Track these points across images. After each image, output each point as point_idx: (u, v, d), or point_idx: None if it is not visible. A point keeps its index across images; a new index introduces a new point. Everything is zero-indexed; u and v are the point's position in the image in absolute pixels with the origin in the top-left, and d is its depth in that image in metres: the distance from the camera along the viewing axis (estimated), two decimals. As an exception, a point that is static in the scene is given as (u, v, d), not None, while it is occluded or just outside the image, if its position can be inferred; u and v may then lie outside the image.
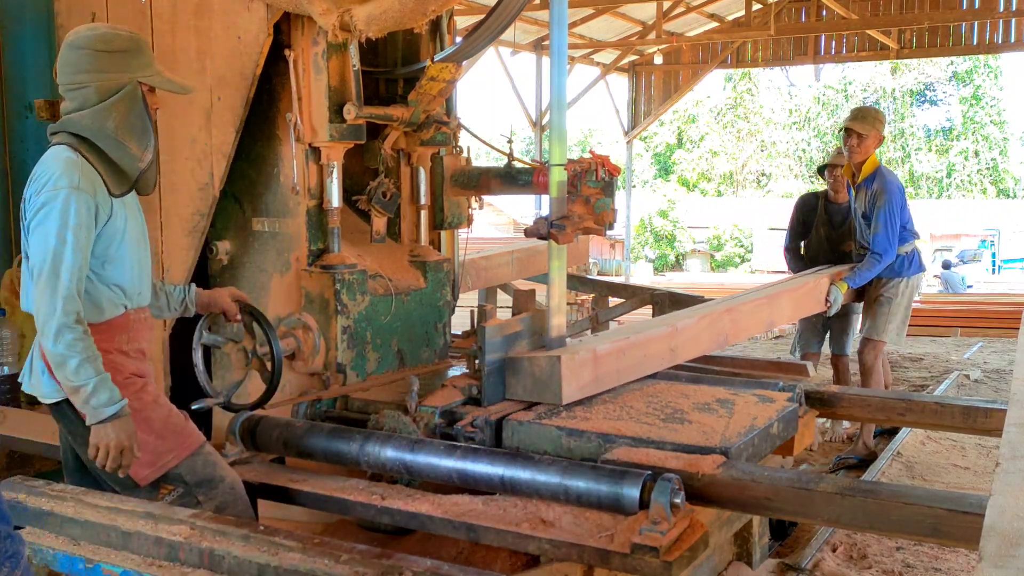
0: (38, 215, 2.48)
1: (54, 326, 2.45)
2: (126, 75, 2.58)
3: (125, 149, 2.58)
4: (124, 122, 2.57)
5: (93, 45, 2.57)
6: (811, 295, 5.07)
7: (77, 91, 2.58)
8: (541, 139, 14.89)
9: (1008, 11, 13.86)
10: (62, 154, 2.53)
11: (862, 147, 5.16)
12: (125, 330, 2.67)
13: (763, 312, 4.57)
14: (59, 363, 2.46)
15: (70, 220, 2.45)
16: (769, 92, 38.44)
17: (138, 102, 2.60)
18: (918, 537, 2.57)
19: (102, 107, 2.55)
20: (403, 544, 2.98)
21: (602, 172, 3.24)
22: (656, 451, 2.80)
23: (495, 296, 6.51)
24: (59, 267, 2.45)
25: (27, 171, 4.27)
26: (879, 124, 5.22)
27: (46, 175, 2.50)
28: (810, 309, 5.12)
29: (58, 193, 2.45)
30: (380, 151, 3.60)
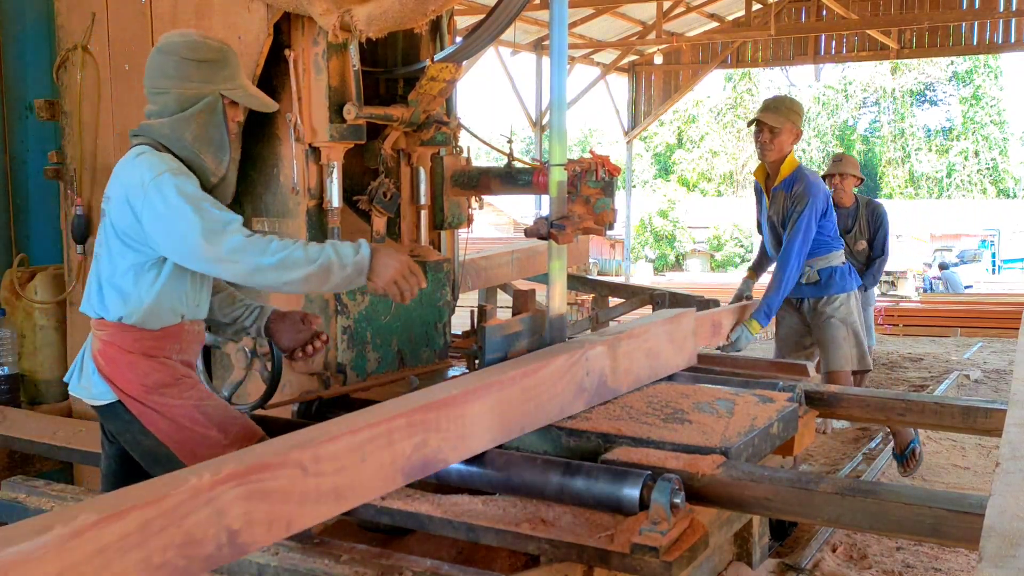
0: (152, 206, 2.38)
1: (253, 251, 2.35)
2: (208, 86, 2.52)
3: (200, 162, 2.53)
4: (202, 134, 2.52)
5: (180, 52, 2.53)
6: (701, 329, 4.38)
7: (159, 96, 2.53)
8: (541, 139, 14.89)
9: (1008, 11, 13.87)
10: (146, 150, 2.49)
11: (776, 143, 4.52)
12: (178, 339, 2.62)
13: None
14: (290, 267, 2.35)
15: (188, 189, 2.39)
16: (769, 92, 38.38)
17: (217, 115, 2.53)
18: (918, 537, 2.57)
19: (181, 117, 2.50)
20: (403, 544, 2.98)
21: (602, 172, 3.24)
22: (656, 451, 2.80)
23: (495, 296, 6.51)
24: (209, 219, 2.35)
25: (27, 171, 4.33)
26: (795, 116, 4.60)
27: (140, 170, 2.43)
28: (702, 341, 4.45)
29: (163, 176, 2.39)
30: (380, 151, 3.60)
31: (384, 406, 2.36)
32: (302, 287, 2.43)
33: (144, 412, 2.54)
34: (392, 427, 2.23)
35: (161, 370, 2.56)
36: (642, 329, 3.42)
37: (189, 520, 1.73)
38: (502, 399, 2.64)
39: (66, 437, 3.58)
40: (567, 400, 2.94)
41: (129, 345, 2.54)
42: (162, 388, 2.56)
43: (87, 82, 3.76)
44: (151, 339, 2.55)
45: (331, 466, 2.05)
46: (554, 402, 2.87)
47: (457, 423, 2.46)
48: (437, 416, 2.39)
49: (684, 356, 3.75)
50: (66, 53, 3.82)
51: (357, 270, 2.41)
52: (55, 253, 4.12)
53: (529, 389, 2.75)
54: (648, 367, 3.45)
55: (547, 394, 2.83)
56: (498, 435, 2.64)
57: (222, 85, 2.55)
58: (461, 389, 2.51)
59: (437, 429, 2.38)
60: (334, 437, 2.08)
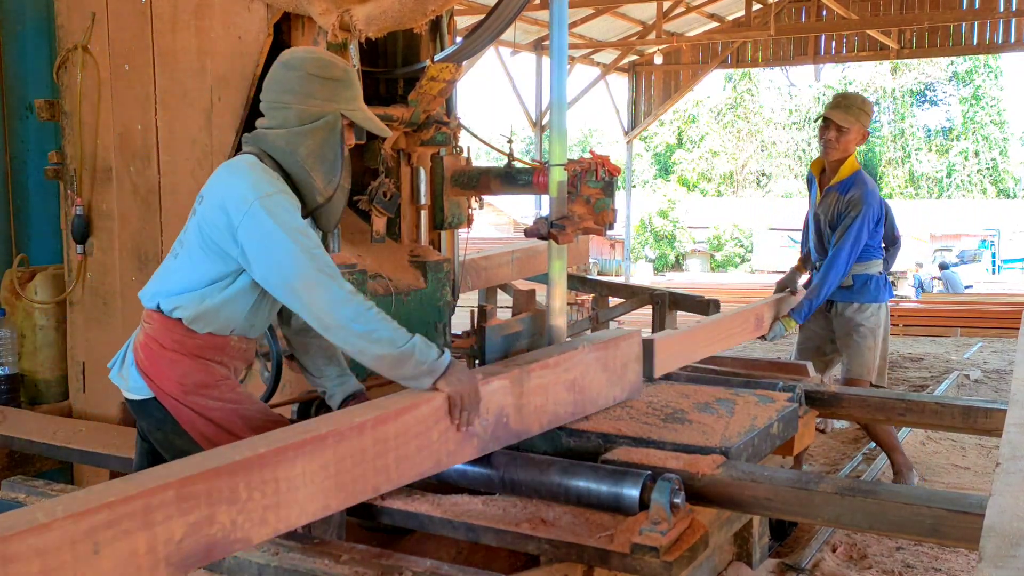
0: (255, 232, 2.32)
1: (348, 311, 2.30)
2: (331, 104, 2.47)
3: (310, 180, 2.47)
4: (317, 151, 2.47)
5: (307, 68, 2.48)
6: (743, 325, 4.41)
7: (280, 111, 2.48)
8: (541, 139, 14.89)
9: (1008, 11, 13.88)
10: (251, 161, 2.44)
11: (842, 143, 4.40)
12: (222, 351, 2.56)
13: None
14: (373, 342, 2.30)
15: (293, 221, 2.34)
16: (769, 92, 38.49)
17: (336, 134, 2.48)
18: (918, 537, 2.57)
19: (299, 131, 2.45)
20: (403, 544, 2.98)
21: (602, 172, 3.24)
22: (656, 451, 2.80)
23: (495, 296, 6.51)
24: (318, 263, 2.31)
25: (27, 171, 4.32)
26: (864, 117, 4.42)
27: (245, 184, 2.36)
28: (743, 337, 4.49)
29: (273, 198, 2.34)
30: (380, 151, 3.60)
31: (147, 473, 1.90)
32: (371, 364, 2.35)
33: (181, 411, 2.49)
34: (151, 504, 1.75)
35: (202, 371, 2.51)
36: (564, 357, 2.93)
37: None
38: (342, 455, 2.14)
39: (66, 437, 3.58)
40: (448, 449, 2.45)
41: (172, 343, 2.48)
42: (201, 389, 2.51)
43: (87, 82, 3.75)
44: (195, 341, 2.49)
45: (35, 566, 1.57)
46: (426, 453, 2.38)
47: (267, 490, 1.97)
48: (232, 483, 1.90)
49: (623, 386, 3.25)
50: (66, 53, 3.82)
51: (429, 370, 2.36)
52: (55, 253, 4.12)
53: (387, 439, 2.27)
54: (571, 402, 2.96)
55: (416, 444, 2.34)
56: (336, 500, 2.16)
57: (344, 105, 2.49)
58: (276, 444, 2.02)
59: (232, 500, 1.90)
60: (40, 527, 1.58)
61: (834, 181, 4.46)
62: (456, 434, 2.45)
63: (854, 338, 4.47)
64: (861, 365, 4.44)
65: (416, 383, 2.39)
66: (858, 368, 4.45)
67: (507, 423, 2.67)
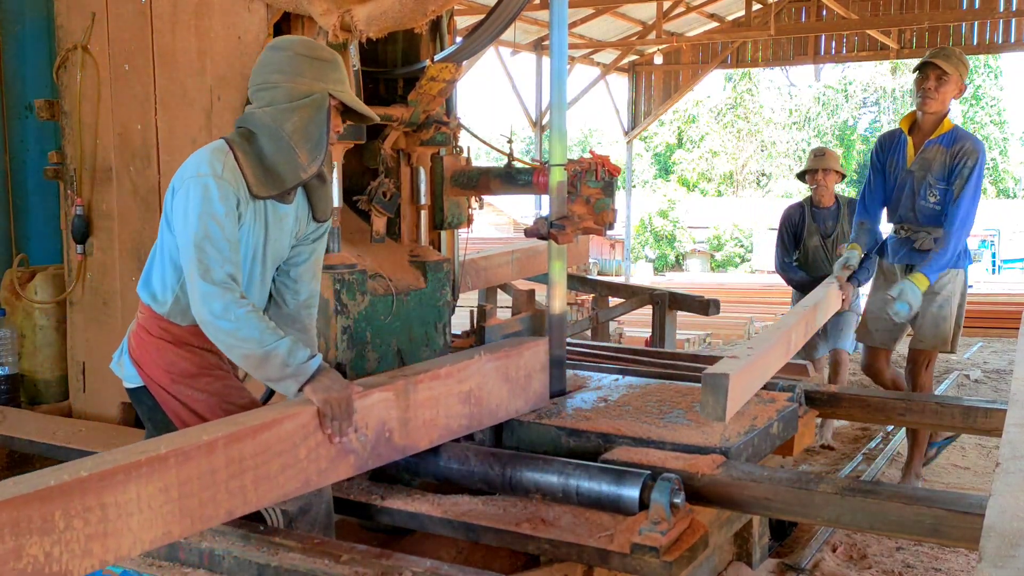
0: (179, 204, 2.40)
1: (217, 306, 2.34)
2: (319, 83, 2.50)
3: (294, 155, 2.49)
4: (302, 128, 2.49)
5: (296, 48, 2.52)
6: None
7: (267, 91, 2.50)
8: (541, 139, 14.88)
9: (1008, 11, 13.86)
10: (214, 145, 2.48)
11: (941, 92, 4.20)
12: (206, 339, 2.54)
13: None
14: (239, 340, 2.35)
15: (215, 207, 2.37)
16: (769, 92, 38.44)
17: (322, 113, 2.50)
18: (918, 537, 2.57)
19: (287, 107, 2.48)
20: (403, 544, 2.98)
21: (602, 172, 3.24)
22: (656, 451, 2.80)
23: (495, 296, 6.51)
24: (203, 256, 2.35)
25: (27, 171, 4.32)
26: (963, 68, 4.24)
27: (191, 161, 2.44)
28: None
29: (199, 179, 2.38)
30: (380, 151, 3.60)
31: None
32: (239, 363, 2.42)
33: (167, 400, 2.54)
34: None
35: (189, 358, 2.55)
36: (458, 367, 2.82)
37: None
38: (187, 477, 1.98)
39: (66, 437, 3.58)
40: (319, 468, 2.32)
41: (156, 331, 2.54)
42: (187, 379, 2.54)
43: (87, 82, 3.75)
44: (180, 329, 2.55)
45: None
46: (291, 472, 2.24)
47: (90, 517, 1.78)
48: (45, 511, 1.70)
49: (527, 398, 3.14)
50: (66, 53, 3.82)
51: (295, 373, 2.37)
52: (55, 253, 4.12)
53: (243, 459, 2.10)
54: (466, 415, 2.85)
55: (279, 462, 2.20)
56: (179, 527, 1.98)
57: (333, 86, 2.52)
58: (102, 467, 1.83)
59: (45, 530, 1.70)
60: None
61: (935, 135, 4.25)
62: (328, 450, 2.33)
63: (930, 307, 4.24)
64: (935, 336, 4.25)
65: (282, 386, 2.39)
66: (931, 338, 4.26)
67: (390, 438, 2.54)
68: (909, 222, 4.35)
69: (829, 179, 5.48)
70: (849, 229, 5.20)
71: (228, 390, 2.60)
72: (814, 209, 5.51)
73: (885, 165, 4.47)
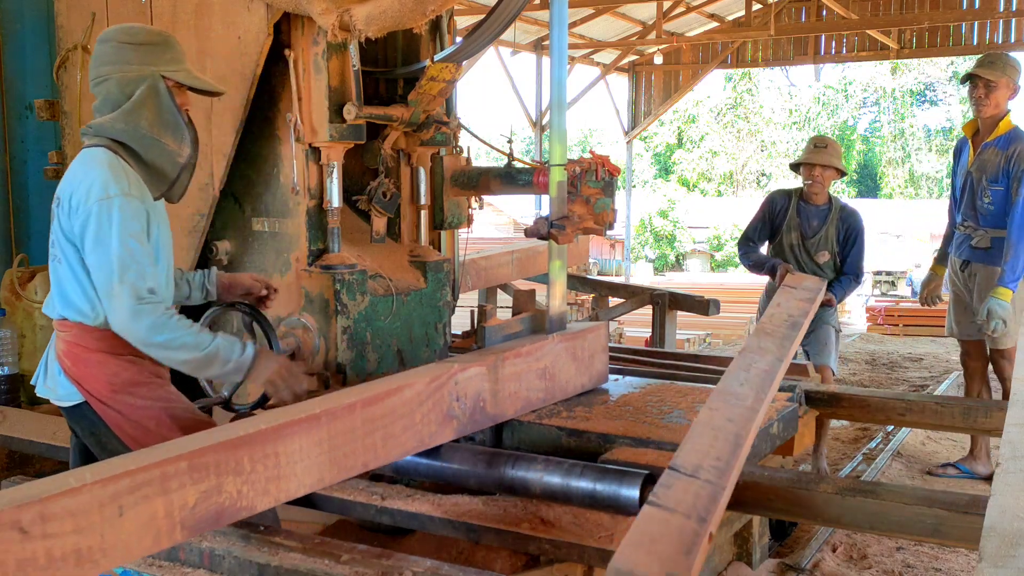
0: (88, 227, 2.41)
1: (147, 322, 2.39)
2: (148, 68, 2.51)
3: (163, 146, 2.52)
4: (157, 119, 2.51)
5: (117, 37, 2.55)
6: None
7: (101, 84, 2.53)
8: (541, 139, 14.88)
9: (1008, 11, 13.86)
10: (101, 157, 2.47)
11: (991, 98, 4.35)
12: None
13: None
14: (176, 348, 2.42)
15: (129, 226, 2.41)
16: (769, 92, 38.43)
17: (164, 97, 2.52)
18: (918, 537, 2.57)
19: (131, 107, 2.49)
20: (403, 544, 2.98)
21: (602, 172, 3.24)
22: (656, 451, 2.80)
23: (495, 296, 6.51)
24: (127, 274, 2.39)
25: (27, 171, 4.32)
26: (1012, 71, 4.37)
27: (90, 182, 2.43)
28: None
29: (112, 201, 2.40)
30: (380, 151, 3.60)
31: (162, 447, 2.05)
32: (180, 368, 2.50)
33: (108, 414, 2.53)
34: (168, 472, 1.91)
35: (130, 368, 2.55)
36: (536, 346, 3.10)
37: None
38: (334, 432, 2.30)
39: (65, 437, 3.56)
40: (430, 431, 2.63)
41: (94, 344, 2.52)
42: (131, 388, 2.55)
43: (87, 82, 3.75)
44: (116, 337, 2.53)
45: (69, 525, 1.74)
46: (410, 433, 2.55)
47: (268, 463, 2.12)
48: (237, 456, 2.05)
49: (591, 375, 3.39)
50: (66, 53, 3.82)
51: (236, 367, 2.48)
52: (55, 253, 4.12)
53: (374, 419, 2.42)
54: (543, 389, 3.14)
55: (401, 424, 2.51)
56: (329, 475, 2.30)
57: (163, 67, 2.54)
58: (275, 422, 2.17)
59: (237, 472, 2.05)
60: (73, 489, 1.76)
61: (991, 137, 4.40)
62: (437, 416, 2.60)
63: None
64: (1009, 333, 4.25)
65: (230, 380, 2.52)
66: (1007, 337, 4.28)
67: (484, 407, 2.84)
68: (970, 220, 4.51)
69: (827, 176, 4.76)
70: (834, 236, 4.75)
71: (171, 396, 2.64)
72: (801, 203, 4.82)
73: (956, 171, 4.72)
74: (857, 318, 16.44)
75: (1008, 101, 4.41)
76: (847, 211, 4.81)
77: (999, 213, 4.37)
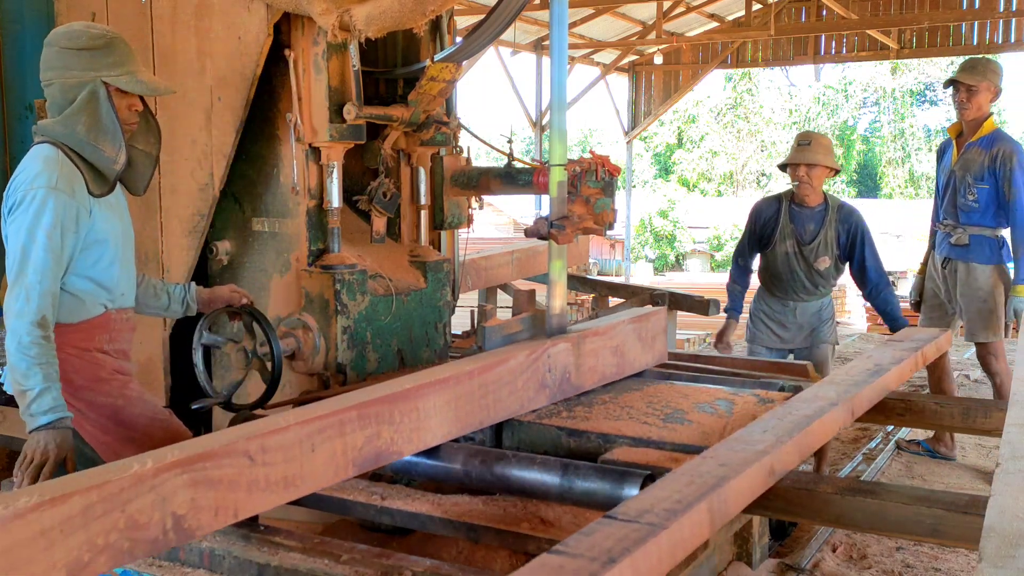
0: (13, 213, 2.47)
1: (18, 325, 2.42)
2: (89, 74, 2.53)
3: (100, 152, 2.55)
4: (94, 125, 2.53)
5: (59, 42, 2.56)
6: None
7: (47, 88, 2.57)
8: (541, 139, 14.88)
9: (1008, 11, 13.86)
10: (43, 152, 2.52)
11: (973, 102, 4.49)
12: (106, 330, 2.66)
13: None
14: (13, 362, 2.43)
15: (43, 219, 2.44)
16: (769, 92, 38.42)
17: (104, 104, 2.53)
18: (918, 537, 2.57)
19: (71, 112, 2.52)
20: (403, 544, 2.98)
21: (602, 172, 3.24)
22: (656, 451, 2.80)
23: (495, 296, 6.51)
24: (26, 267, 2.43)
25: (27, 171, 4.31)
26: (992, 75, 4.49)
27: (24, 173, 2.49)
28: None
29: (35, 192, 2.44)
30: (380, 151, 3.60)
31: (338, 399, 2.46)
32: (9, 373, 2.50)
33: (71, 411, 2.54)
34: (344, 419, 2.32)
35: (91, 366, 2.58)
36: (609, 327, 3.46)
37: (132, 505, 1.81)
38: (459, 394, 2.71)
39: (66, 437, 3.57)
40: (528, 396, 3.01)
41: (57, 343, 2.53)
42: (92, 385, 2.58)
43: (87, 82, 3.75)
44: (78, 331, 2.57)
45: (280, 456, 2.14)
46: (514, 398, 2.94)
47: (411, 416, 2.53)
48: (391, 409, 2.47)
49: (653, 354, 3.77)
50: (66, 53, 3.81)
51: (31, 418, 2.43)
52: (55, 253, 4.12)
53: (487, 384, 2.82)
54: (614, 365, 3.48)
55: (507, 389, 2.91)
56: (454, 429, 2.71)
57: (104, 72, 2.54)
58: (415, 383, 2.58)
59: (390, 422, 2.46)
60: (282, 428, 2.16)
61: (974, 138, 4.53)
62: (534, 384, 3.01)
63: (972, 301, 4.51)
64: (984, 328, 4.47)
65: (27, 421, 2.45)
66: (982, 332, 4.49)
67: (569, 378, 3.21)
68: (950, 218, 4.62)
69: (815, 176, 4.44)
70: (834, 239, 4.48)
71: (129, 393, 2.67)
72: (793, 207, 4.53)
73: (939, 171, 4.83)
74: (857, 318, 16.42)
75: (990, 104, 4.54)
76: (845, 210, 4.56)
77: (982, 211, 4.51)
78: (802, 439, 2.62)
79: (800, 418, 2.76)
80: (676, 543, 1.93)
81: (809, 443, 2.69)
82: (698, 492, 2.10)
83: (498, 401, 2.88)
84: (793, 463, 2.56)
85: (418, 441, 2.58)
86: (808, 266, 4.54)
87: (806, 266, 4.54)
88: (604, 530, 1.88)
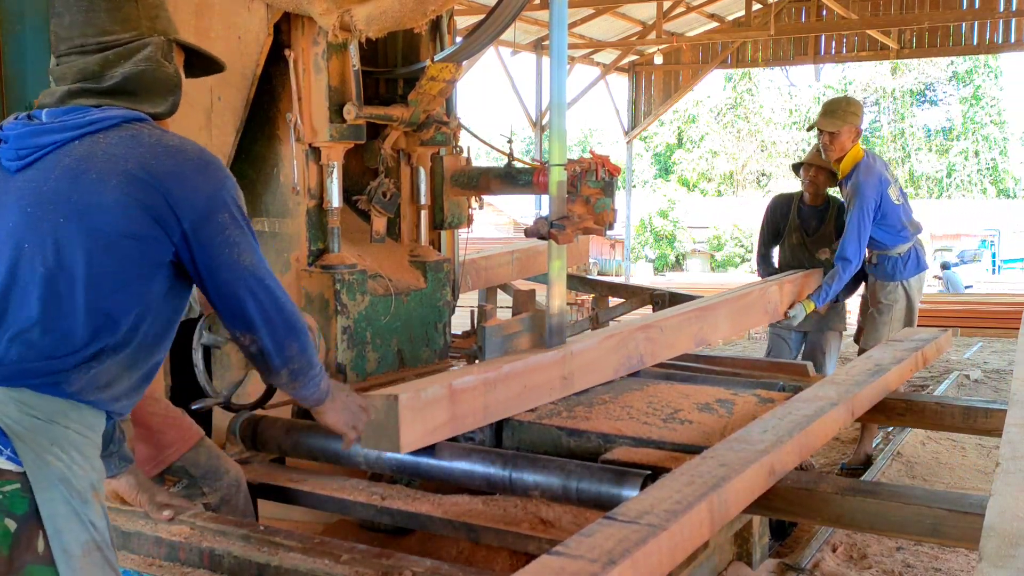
0: None
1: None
2: None
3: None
4: None
5: None
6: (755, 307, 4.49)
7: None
8: (541, 139, 14.88)
9: (1008, 11, 13.86)
10: None
11: (836, 144, 4.75)
12: None
13: (691, 327, 3.90)
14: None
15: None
16: (769, 92, 38.44)
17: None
18: (918, 537, 2.57)
19: None
20: (403, 544, 2.98)
21: (602, 172, 3.24)
22: (656, 451, 2.80)
23: (495, 296, 6.50)
24: None
25: (27, 171, 4.31)
26: (852, 117, 4.77)
27: None
28: (756, 322, 4.69)
29: None
30: (380, 151, 3.60)
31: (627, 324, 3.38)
32: None
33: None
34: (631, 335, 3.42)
35: None
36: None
37: None
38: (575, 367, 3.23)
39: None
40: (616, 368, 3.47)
41: None
42: None
43: (87, 82, 3.75)
44: None
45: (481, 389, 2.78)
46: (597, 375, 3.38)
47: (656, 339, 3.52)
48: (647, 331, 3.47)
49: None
50: (66, 53, 3.81)
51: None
52: (55, 253, 4.12)
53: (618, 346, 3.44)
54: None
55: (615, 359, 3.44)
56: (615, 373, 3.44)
57: None
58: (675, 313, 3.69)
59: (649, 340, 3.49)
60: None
61: (842, 176, 4.86)
62: (617, 360, 3.42)
63: (871, 315, 4.92)
64: (875, 339, 4.75)
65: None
66: (872, 341, 4.76)
67: (642, 360, 3.55)
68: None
69: (820, 177, 5.13)
70: (833, 235, 5.09)
71: None
72: (801, 205, 5.27)
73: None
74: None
75: (852, 142, 4.77)
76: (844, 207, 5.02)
77: (874, 236, 4.80)
78: (802, 439, 2.64)
79: (800, 418, 2.78)
80: (676, 544, 1.93)
81: (809, 443, 2.71)
82: (698, 492, 2.11)
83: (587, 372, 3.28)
84: (793, 463, 2.57)
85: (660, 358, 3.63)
86: (811, 256, 5.18)
87: (809, 256, 5.19)
88: (604, 531, 1.89)
